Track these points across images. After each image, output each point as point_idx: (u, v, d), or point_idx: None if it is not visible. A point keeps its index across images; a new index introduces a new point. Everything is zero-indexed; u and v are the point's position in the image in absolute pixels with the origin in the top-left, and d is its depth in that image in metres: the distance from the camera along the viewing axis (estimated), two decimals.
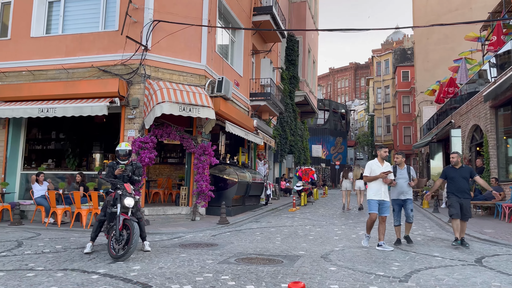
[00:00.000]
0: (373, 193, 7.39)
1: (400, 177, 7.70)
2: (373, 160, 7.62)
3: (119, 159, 6.82)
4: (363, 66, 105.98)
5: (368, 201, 7.46)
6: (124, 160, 6.82)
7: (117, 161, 6.87)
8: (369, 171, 7.48)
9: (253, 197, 14.16)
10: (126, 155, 6.83)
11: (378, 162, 7.53)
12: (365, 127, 75.98)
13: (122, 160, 6.81)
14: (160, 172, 16.31)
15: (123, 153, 6.81)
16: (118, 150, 6.83)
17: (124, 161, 6.83)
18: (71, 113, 10.65)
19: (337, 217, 12.77)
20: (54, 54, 11.66)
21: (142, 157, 10.35)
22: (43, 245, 7.29)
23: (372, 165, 7.53)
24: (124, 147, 6.85)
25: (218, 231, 9.48)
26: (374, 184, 7.40)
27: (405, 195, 7.70)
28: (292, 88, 23.24)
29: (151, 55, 11.08)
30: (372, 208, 7.36)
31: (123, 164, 6.75)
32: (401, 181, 7.68)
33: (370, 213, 7.38)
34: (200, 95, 10.94)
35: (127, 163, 6.86)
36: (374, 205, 7.35)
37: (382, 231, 7.36)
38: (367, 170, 7.52)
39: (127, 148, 6.87)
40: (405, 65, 41.72)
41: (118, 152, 6.82)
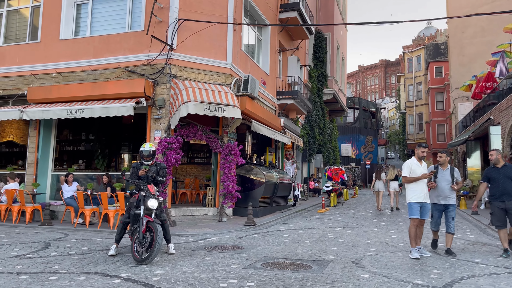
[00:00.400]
0: (415, 195, 6.68)
1: (442, 178, 6.91)
2: (411, 159, 6.97)
3: (143, 160, 6.69)
4: (393, 63, 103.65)
5: (409, 205, 6.71)
6: (148, 160, 6.68)
7: (141, 162, 6.75)
8: (409, 171, 6.77)
9: (281, 198, 13.86)
10: (150, 156, 6.69)
11: (416, 160, 6.87)
12: (396, 125, 74.15)
13: (146, 160, 6.68)
14: (187, 172, 16.27)
15: (147, 154, 6.67)
16: (142, 151, 6.70)
17: (148, 162, 6.69)
18: (98, 114, 10.68)
19: (368, 219, 12.29)
20: (82, 56, 11.77)
21: (168, 157, 10.25)
22: (70, 246, 7.26)
23: (411, 164, 6.83)
24: (148, 147, 6.72)
25: (245, 233, 9.24)
26: (416, 185, 6.70)
27: (446, 199, 6.89)
28: (320, 86, 22.78)
29: (176, 55, 10.98)
30: (414, 212, 6.63)
31: (147, 165, 6.61)
32: (443, 184, 6.89)
33: (411, 218, 6.64)
34: (225, 94, 10.75)
35: (151, 163, 6.72)
36: (417, 209, 6.64)
37: (419, 234, 6.82)
38: (406, 170, 6.80)
39: (151, 148, 6.73)
40: (438, 60, 40.26)
41: (142, 152, 6.69)
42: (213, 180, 11.62)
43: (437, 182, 6.89)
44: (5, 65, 12.59)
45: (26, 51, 12.48)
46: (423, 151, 6.87)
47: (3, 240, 7.85)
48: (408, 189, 6.80)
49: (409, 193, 6.78)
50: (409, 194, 6.76)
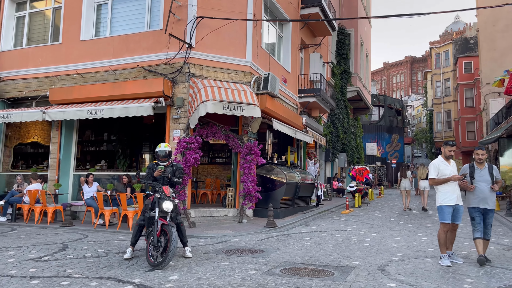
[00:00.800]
0: (446, 198, 6.13)
1: (481, 179, 6.16)
2: (438, 159, 6.43)
3: (159, 160, 6.51)
4: (419, 60, 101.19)
5: (440, 208, 6.19)
6: (163, 161, 6.50)
7: (157, 162, 6.57)
8: (436, 172, 6.23)
9: (303, 198, 13.51)
10: (166, 156, 6.50)
11: (443, 160, 6.32)
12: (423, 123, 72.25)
13: (161, 161, 6.50)
14: (208, 172, 16.13)
15: (162, 154, 6.49)
16: (158, 151, 6.52)
17: (164, 162, 6.51)
18: (117, 114, 10.63)
19: (394, 220, 11.80)
20: (102, 56, 11.76)
21: (187, 157, 10.09)
22: (87, 248, 7.17)
23: (438, 164, 6.28)
24: (163, 148, 6.53)
25: (265, 235, 8.97)
26: (447, 186, 6.16)
27: (487, 202, 6.12)
28: (343, 84, 22.24)
29: (195, 53, 10.81)
30: (445, 216, 6.09)
31: (163, 165, 6.43)
32: (482, 185, 6.13)
33: (442, 223, 6.14)
34: (245, 93, 10.50)
35: (167, 164, 6.53)
36: (448, 213, 6.09)
37: (451, 239, 6.31)
38: (433, 171, 6.26)
39: (166, 149, 6.54)
40: (467, 55, 38.80)
41: (158, 153, 6.51)
42: (233, 180, 11.40)
43: (474, 183, 6.17)
44: (28, 67, 12.74)
45: (48, 52, 12.59)
46: (450, 150, 6.31)
47: (22, 241, 7.84)
48: (438, 191, 6.29)
49: (439, 196, 6.26)
50: (440, 196, 6.24)
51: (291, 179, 12.19)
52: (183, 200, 10.13)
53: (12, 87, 12.87)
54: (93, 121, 12.51)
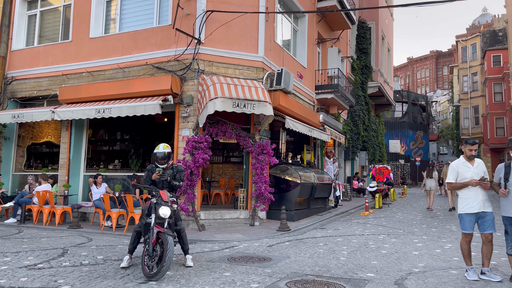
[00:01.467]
0: (466, 204, 5.41)
1: None
2: (457, 160, 5.64)
3: (157, 162, 6.10)
4: (445, 54, 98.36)
5: (459, 216, 5.52)
6: (162, 163, 6.08)
7: (155, 165, 6.16)
8: (455, 175, 5.53)
9: (320, 199, 12.92)
10: (165, 158, 6.08)
11: (465, 160, 5.54)
12: (449, 119, 70.09)
13: (160, 163, 6.08)
14: (223, 172, 15.74)
15: (161, 156, 6.07)
16: (156, 153, 6.10)
17: (163, 165, 6.09)
18: (125, 113, 10.31)
19: (417, 224, 11.08)
20: (111, 54, 11.47)
21: (196, 157, 9.67)
22: (86, 254, 6.84)
23: (457, 166, 5.53)
24: (162, 149, 6.11)
25: (276, 240, 8.46)
26: (467, 191, 5.43)
27: None
28: (364, 79, 21.44)
29: (204, 49, 10.37)
30: (466, 225, 5.40)
31: (161, 168, 6.01)
32: None
33: (463, 233, 5.46)
34: (256, 89, 10.00)
35: (166, 166, 6.11)
36: (469, 222, 5.39)
37: (486, 253, 5.38)
38: (451, 174, 5.55)
39: (165, 150, 6.12)
40: (496, 48, 37.13)
41: (156, 154, 6.09)
42: (244, 181, 10.93)
43: (508, 187, 5.26)
44: (39, 66, 12.59)
45: (58, 51, 12.40)
46: (471, 149, 5.48)
47: (23, 245, 7.59)
48: (459, 197, 5.55)
49: (459, 202, 5.52)
50: (460, 203, 5.50)
51: (306, 179, 11.63)
52: (192, 202, 9.73)
53: (24, 86, 12.76)
54: (106, 120, 12.30)
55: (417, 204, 17.54)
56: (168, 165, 6.15)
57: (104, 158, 14.75)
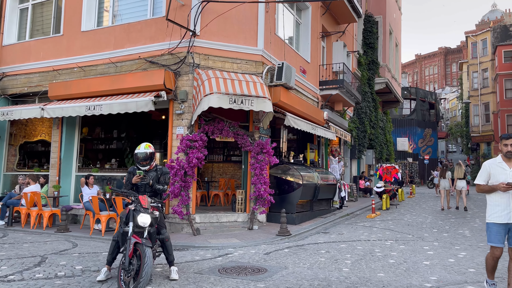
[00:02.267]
0: (495, 213, 4.61)
1: None
2: (493, 159, 4.76)
3: (139, 164, 5.51)
4: (454, 51, 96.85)
5: (486, 226, 4.73)
6: (144, 164, 5.48)
7: (137, 166, 5.57)
8: (485, 176, 4.65)
9: (324, 201, 12.27)
10: (147, 159, 5.49)
11: (501, 160, 4.63)
12: (458, 116, 68.85)
13: (142, 165, 5.49)
14: (223, 171, 15.15)
15: (142, 156, 5.47)
16: (137, 153, 5.51)
17: (145, 166, 5.49)
18: (116, 110, 9.74)
19: (427, 228, 10.39)
20: (103, 48, 10.91)
21: (190, 157, 9.07)
22: (65, 264, 6.27)
23: (490, 167, 4.66)
24: (143, 149, 5.52)
25: (275, 246, 7.85)
26: (497, 197, 4.61)
27: None
28: (371, 75, 20.69)
29: (200, 41, 9.76)
30: (492, 237, 4.60)
31: (142, 171, 5.41)
32: None
33: (491, 247, 4.65)
34: (254, 85, 9.37)
35: (148, 168, 5.52)
36: (497, 233, 4.57)
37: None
38: (481, 175, 4.69)
39: (147, 150, 5.52)
40: (507, 43, 36.10)
41: (137, 155, 5.50)
42: (243, 181, 10.32)
43: None
44: (30, 61, 12.07)
45: (50, 45, 11.87)
46: (506, 144, 4.58)
47: (1, 252, 7.05)
48: (487, 203, 4.75)
49: (487, 209, 4.72)
50: (488, 210, 4.70)
51: (309, 180, 10.99)
52: (186, 204, 9.14)
53: (15, 83, 12.25)
54: (102, 118, 11.74)
55: (426, 204, 16.81)
56: (151, 167, 5.56)
57: (101, 157, 14.24)
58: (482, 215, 12.94)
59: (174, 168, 9.05)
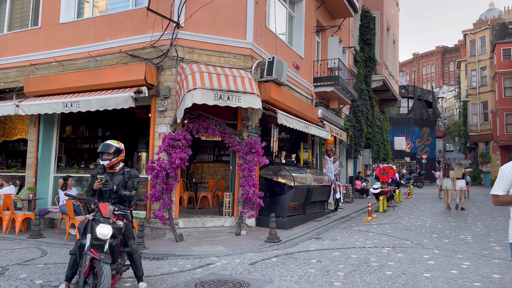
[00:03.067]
0: None
1: None
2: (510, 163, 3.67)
3: (100, 159, 4.90)
4: (451, 50, 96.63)
5: (510, 246, 3.67)
6: (105, 159, 4.86)
7: (101, 168, 4.93)
8: (505, 184, 3.56)
9: (317, 203, 11.65)
10: (110, 152, 4.86)
11: None
12: (455, 115, 68.43)
13: (103, 159, 4.89)
14: (214, 172, 14.52)
15: (104, 147, 4.89)
16: (101, 145, 4.90)
17: (105, 161, 4.87)
18: (94, 107, 9.08)
19: (426, 232, 9.78)
20: (82, 41, 10.24)
21: (172, 157, 8.43)
22: (25, 277, 5.62)
23: (510, 171, 3.57)
24: (109, 141, 4.91)
25: (262, 255, 7.22)
26: None
27: None
28: (368, 72, 20.07)
29: (184, 33, 9.11)
30: None
31: (103, 176, 4.76)
32: None
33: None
34: (242, 80, 8.73)
35: (108, 165, 4.88)
36: None
37: None
38: (501, 182, 3.57)
39: (113, 143, 4.89)
40: (506, 41, 35.52)
41: (100, 146, 4.88)
42: (231, 183, 9.68)
43: None
44: (7, 55, 11.39)
45: (27, 38, 11.19)
46: None
47: None
48: (510, 218, 3.73)
49: (510, 225, 3.68)
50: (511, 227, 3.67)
51: (302, 182, 10.37)
52: (168, 209, 8.50)
53: None
54: (86, 115, 11.17)
55: (425, 206, 16.23)
56: (115, 169, 4.91)
57: (87, 157, 13.62)
58: (483, 218, 12.37)
59: (155, 169, 8.41)
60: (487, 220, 11.99)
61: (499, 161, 36.31)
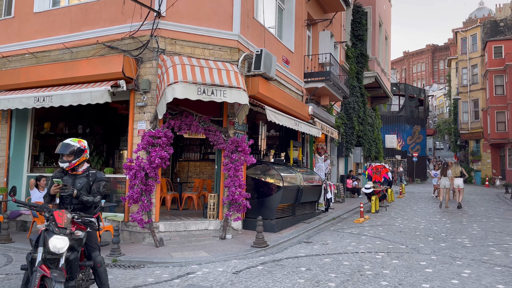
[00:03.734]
0: None
1: None
2: None
3: (60, 160, 4.30)
4: (441, 48, 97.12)
5: None
6: (64, 161, 4.29)
7: (62, 170, 4.33)
8: None
9: (307, 204, 11.15)
10: (71, 152, 4.28)
11: None
12: (445, 114, 68.58)
13: (62, 160, 4.30)
14: (200, 171, 13.89)
15: (63, 147, 4.33)
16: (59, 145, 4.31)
17: (65, 163, 4.28)
18: (68, 101, 8.44)
19: (421, 235, 9.32)
20: (58, 31, 9.58)
21: (152, 156, 7.84)
22: None
23: None
24: (68, 140, 4.33)
25: (248, 262, 6.68)
26: None
27: None
28: (359, 68, 19.61)
29: (166, 23, 8.51)
30: None
31: (59, 179, 4.17)
32: None
33: None
34: (227, 73, 8.16)
35: (69, 167, 4.29)
36: None
37: None
38: None
39: (73, 143, 4.31)
40: (497, 39, 35.39)
41: (58, 147, 4.29)
42: (216, 184, 9.13)
43: None
44: None
45: (0, 29, 10.48)
46: None
47: None
48: None
49: None
50: None
51: (291, 182, 9.85)
52: (148, 211, 7.91)
53: None
54: (65, 111, 10.59)
55: (418, 206, 15.83)
56: (78, 171, 4.32)
57: None
58: (478, 219, 11.98)
59: (133, 169, 7.81)
60: (482, 221, 11.59)
61: (490, 159, 36.24)
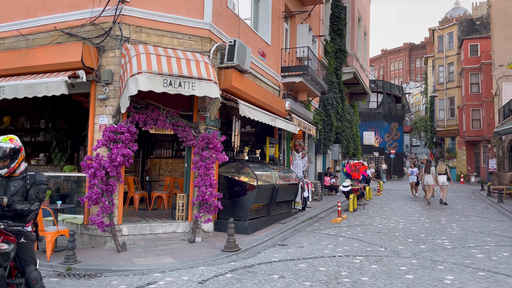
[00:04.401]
0: None
1: None
2: None
3: None
4: (418, 47, 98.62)
5: None
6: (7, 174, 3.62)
7: None
8: None
9: (283, 203, 10.68)
10: (4, 157, 3.63)
11: None
12: (421, 111, 69.49)
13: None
14: (172, 168, 13.24)
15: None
16: None
17: (1, 169, 3.63)
18: (23, 93, 7.67)
19: (400, 236, 8.98)
20: (12, 17, 8.77)
21: (113, 153, 7.18)
22: None
23: None
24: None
25: (216, 269, 6.13)
26: None
27: None
28: (338, 64, 19.25)
29: (130, 9, 7.84)
30: None
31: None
32: None
33: None
34: (197, 64, 7.56)
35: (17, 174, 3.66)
36: None
37: None
38: None
39: (5, 144, 3.66)
40: (473, 37, 35.78)
41: None
42: (185, 183, 8.53)
43: None
44: None
45: None
46: None
47: None
48: None
49: None
50: None
51: (266, 180, 9.35)
52: (109, 213, 7.26)
53: None
54: (26, 104, 9.93)
55: (396, 204, 15.60)
56: (12, 171, 3.68)
57: (30, 151, 12.17)
58: (457, 218, 11.77)
59: (92, 167, 7.15)
60: (461, 220, 11.38)
61: (465, 156, 36.72)
